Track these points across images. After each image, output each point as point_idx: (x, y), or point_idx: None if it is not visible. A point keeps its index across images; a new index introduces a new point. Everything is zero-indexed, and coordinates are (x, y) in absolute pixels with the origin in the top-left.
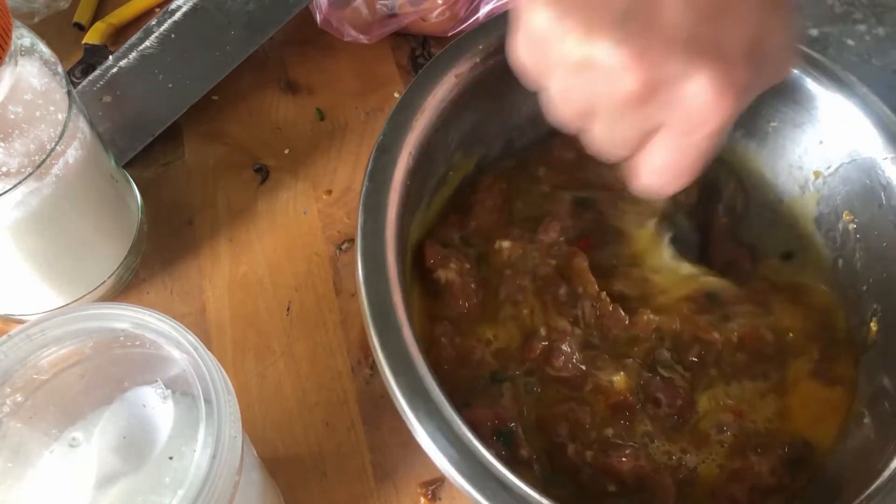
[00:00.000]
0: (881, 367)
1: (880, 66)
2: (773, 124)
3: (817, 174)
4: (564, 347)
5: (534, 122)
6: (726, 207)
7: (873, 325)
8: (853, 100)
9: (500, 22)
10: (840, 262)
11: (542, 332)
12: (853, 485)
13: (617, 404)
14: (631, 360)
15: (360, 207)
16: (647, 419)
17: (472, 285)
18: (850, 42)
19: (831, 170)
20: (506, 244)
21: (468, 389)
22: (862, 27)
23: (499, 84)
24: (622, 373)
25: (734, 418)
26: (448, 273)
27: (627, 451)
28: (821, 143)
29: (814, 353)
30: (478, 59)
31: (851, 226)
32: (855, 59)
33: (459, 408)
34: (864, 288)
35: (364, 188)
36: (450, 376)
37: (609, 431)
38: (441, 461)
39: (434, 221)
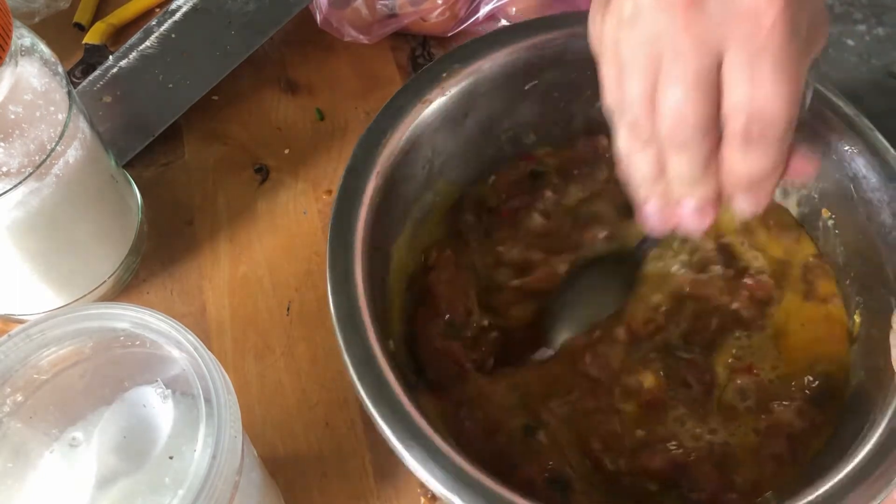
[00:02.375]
0: (863, 361)
1: (880, 66)
2: None
3: None
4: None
5: (514, 142)
6: None
7: (857, 318)
8: (815, 95)
9: (466, 51)
10: (825, 258)
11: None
12: (880, 401)
13: (649, 402)
14: (654, 353)
15: (331, 226)
16: (681, 405)
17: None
18: (850, 42)
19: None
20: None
21: (508, 452)
22: (862, 27)
23: (469, 109)
24: (649, 372)
25: (751, 378)
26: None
27: (657, 447)
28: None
29: (799, 283)
30: (445, 86)
31: (830, 221)
32: (855, 59)
33: (507, 474)
34: (847, 282)
35: (334, 207)
36: (484, 448)
37: (640, 432)
38: (433, 483)
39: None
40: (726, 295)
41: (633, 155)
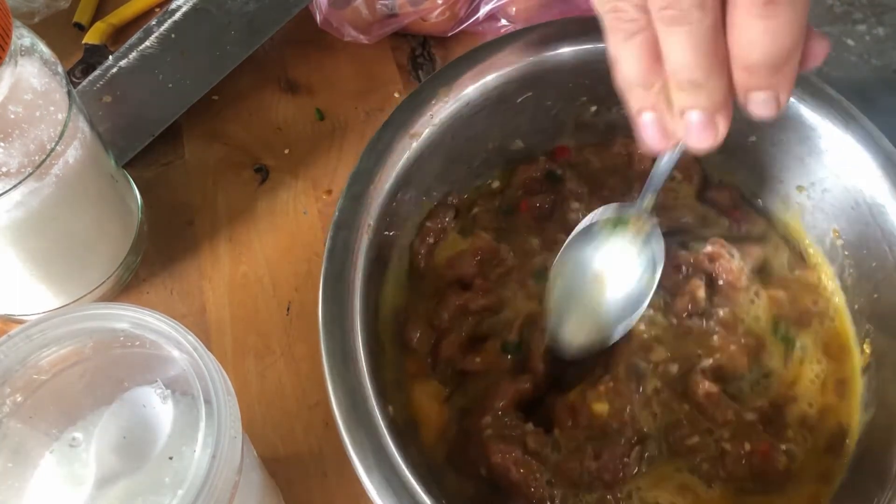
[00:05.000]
0: (874, 394)
1: (880, 66)
2: (751, 139)
3: (800, 188)
4: None
5: (501, 151)
6: None
7: (866, 347)
8: (835, 114)
9: (449, 74)
10: (831, 276)
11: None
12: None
13: (574, 416)
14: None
15: (321, 294)
16: (586, 458)
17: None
18: (850, 42)
19: (814, 185)
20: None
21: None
22: (862, 27)
23: (459, 130)
24: (604, 403)
25: None
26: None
27: (511, 454)
28: (802, 160)
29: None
30: (434, 113)
31: (839, 241)
32: (855, 59)
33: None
34: (857, 307)
35: (323, 269)
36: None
37: (529, 427)
38: None
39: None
40: (726, 432)
41: (620, 48)
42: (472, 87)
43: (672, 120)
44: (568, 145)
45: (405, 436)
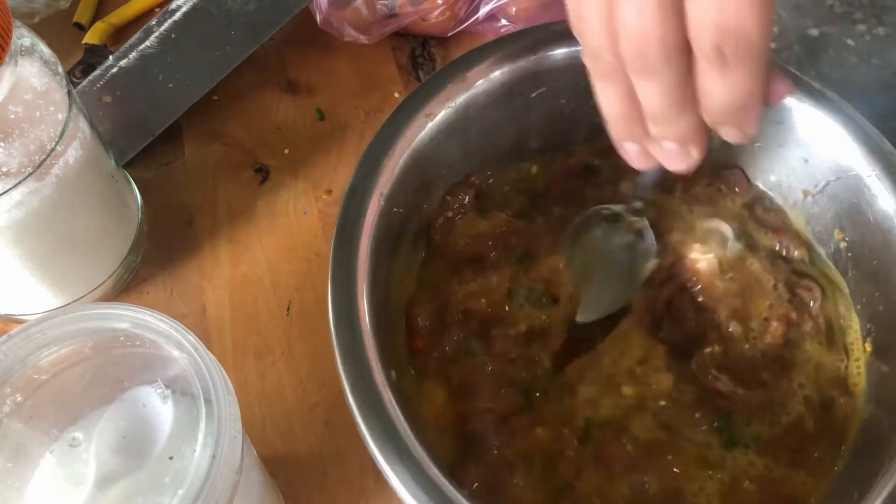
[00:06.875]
0: (874, 393)
1: (880, 66)
2: (757, 144)
3: (806, 192)
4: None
5: (516, 147)
6: None
7: (867, 346)
8: (836, 116)
9: (473, 59)
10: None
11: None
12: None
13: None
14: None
15: (332, 252)
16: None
17: None
18: (850, 42)
19: (819, 188)
20: None
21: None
22: (862, 27)
23: (473, 119)
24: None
25: None
26: None
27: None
28: (806, 161)
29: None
30: (449, 97)
31: (843, 244)
32: (855, 59)
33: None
34: (858, 307)
35: (335, 233)
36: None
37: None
38: None
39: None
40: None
41: (600, 89)
42: (489, 76)
43: (650, 146)
44: (587, 143)
45: (406, 406)
